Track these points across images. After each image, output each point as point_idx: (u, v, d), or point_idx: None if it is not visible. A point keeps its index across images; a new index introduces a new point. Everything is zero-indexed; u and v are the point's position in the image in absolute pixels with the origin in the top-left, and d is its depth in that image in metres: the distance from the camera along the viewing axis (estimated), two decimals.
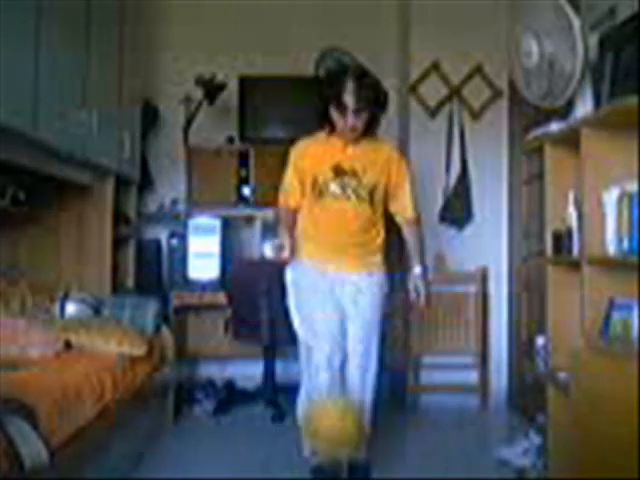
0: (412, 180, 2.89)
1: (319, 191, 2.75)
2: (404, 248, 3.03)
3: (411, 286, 2.85)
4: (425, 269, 2.88)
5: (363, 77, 2.69)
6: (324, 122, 2.75)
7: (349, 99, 2.62)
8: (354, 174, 2.74)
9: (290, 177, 2.83)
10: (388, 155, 2.83)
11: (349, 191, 2.74)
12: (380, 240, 2.83)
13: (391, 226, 2.94)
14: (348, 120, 2.65)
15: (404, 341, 3.96)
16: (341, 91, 2.62)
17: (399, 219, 2.90)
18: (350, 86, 2.62)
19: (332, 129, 2.75)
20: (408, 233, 2.90)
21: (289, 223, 2.83)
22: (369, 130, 2.75)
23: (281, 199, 2.88)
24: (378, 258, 2.82)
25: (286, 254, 2.71)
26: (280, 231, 2.84)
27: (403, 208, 2.86)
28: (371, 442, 2.72)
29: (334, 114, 2.68)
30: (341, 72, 2.78)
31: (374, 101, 2.68)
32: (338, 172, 2.74)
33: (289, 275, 2.83)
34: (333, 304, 2.72)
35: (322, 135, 2.82)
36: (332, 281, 2.74)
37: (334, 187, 2.74)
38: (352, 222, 2.75)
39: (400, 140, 4.20)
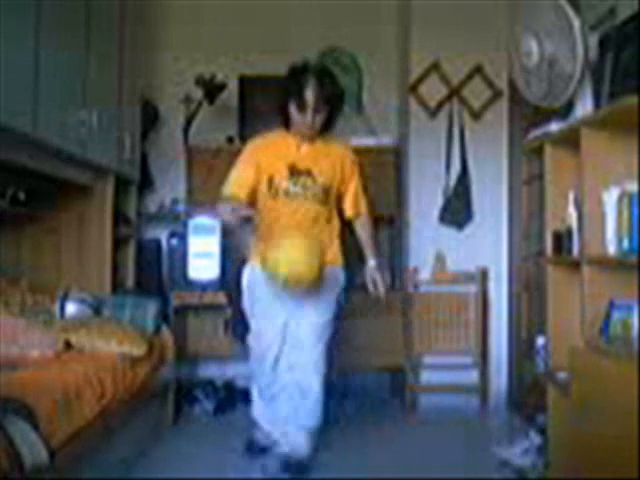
0: (362, 180, 2.95)
1: (275, 190, 2.75)
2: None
3: (368, 279, 2.91)
4: (379, 261, 2.97)
5: (324, 75, 2.70)
6: (284, 118, 2.75)
7: (309, 96, 2.63)
8: (309, 174, 2.76)
9: (243, 170, 2.76)
10: (342, 155, 2.88)
11: (303, 190, 2.75)
12: (335, 233, 2.89)
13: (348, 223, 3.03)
14: (307, 117, 2.67)
15: (404, 341, 3.96)
16: (302, 87, 2.63)
17: (348, 215, 2.96)
18: (311, 83, 2.63)
19: (289, 126, 2.76)
20: (358, 228, 2.98)
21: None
22: (325, 129, 2.77)
23: (228, 191, 2.72)
24: (335, 249, 2.87)
25: (244, 211, 2.59)
26: (222, 205, 2.63)
27: (350, 205, 2.93)
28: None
29: (293, 110, 2.69)
30: (302, 68, 2.75)
31: (333, 99, 2.70)
32: (293, 172, 2.76)
33: (245, 278, 2.89)
34: (282, 309, 2.77)
35: (279, 132, 2.83)
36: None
37: (289, 186, 2.75)
38: (309, 221, 2.78)
39: (400, 140, 4.20)
